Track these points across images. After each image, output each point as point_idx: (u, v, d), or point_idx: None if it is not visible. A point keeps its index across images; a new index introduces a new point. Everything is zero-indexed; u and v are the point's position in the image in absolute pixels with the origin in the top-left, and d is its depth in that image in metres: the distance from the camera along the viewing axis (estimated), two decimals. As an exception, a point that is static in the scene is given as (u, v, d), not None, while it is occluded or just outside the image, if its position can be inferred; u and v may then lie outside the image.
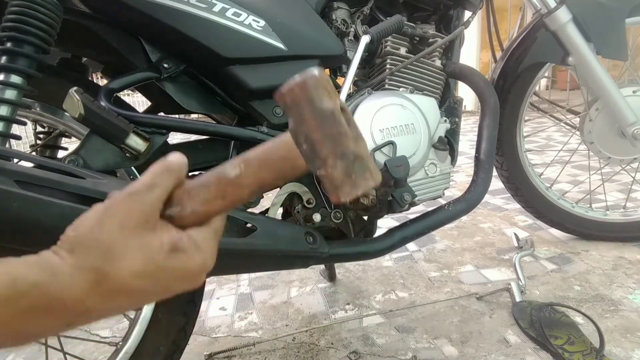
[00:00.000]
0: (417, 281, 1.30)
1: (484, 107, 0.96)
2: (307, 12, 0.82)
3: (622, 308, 1.08)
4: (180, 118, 0.91)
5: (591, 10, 1.11)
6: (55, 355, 1.03)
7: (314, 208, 0.86)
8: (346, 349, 1.01)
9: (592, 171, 1.59)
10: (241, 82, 0.76)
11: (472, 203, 0.89)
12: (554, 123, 1.54)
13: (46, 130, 0.89)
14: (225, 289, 1.36)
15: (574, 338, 0.95)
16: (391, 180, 0.72)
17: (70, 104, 0.63)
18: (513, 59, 1.26)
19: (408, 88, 0.93)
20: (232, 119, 0.88)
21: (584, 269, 1.28)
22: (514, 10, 4.03)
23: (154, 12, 0.69)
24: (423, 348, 0.99)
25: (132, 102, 0.81)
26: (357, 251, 0.82)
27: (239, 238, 0.67)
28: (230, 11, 0.73)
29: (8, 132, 0.60)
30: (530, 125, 3.50)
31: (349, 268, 1.41)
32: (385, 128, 0.82)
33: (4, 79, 0.60)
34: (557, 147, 2.84)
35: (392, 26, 0.86)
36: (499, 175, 1.42)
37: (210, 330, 1.14)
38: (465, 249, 1.49)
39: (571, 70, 1.25)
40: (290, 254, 0.73)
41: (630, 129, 1.18)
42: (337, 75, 0.92)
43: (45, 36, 0.61)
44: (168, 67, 0.74)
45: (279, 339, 1.07)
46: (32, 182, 0.52)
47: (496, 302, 1.15)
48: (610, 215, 1.42)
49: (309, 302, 1.23)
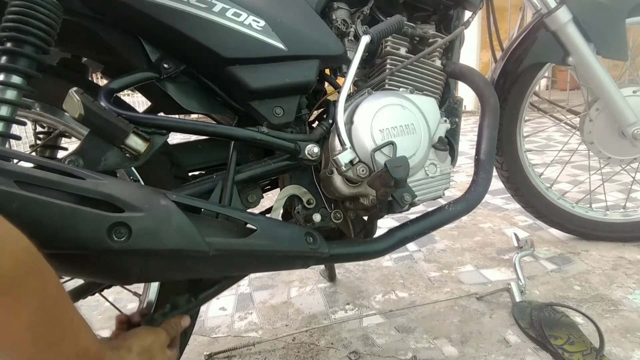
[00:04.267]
0: (417, 281, 1.30)
1: (484, 107, 0.96)
2: (307, 12, 0.82)
3: (622, 308, 1.08)
4: (180, 118, 0.91)
5: (591, 10, 1.11)
6: (55, 356, 1.02)
7: (314, 208, 0.86)
8: (346, 349, 1.01)
9: (592, 171, 1.59)
10: (241, 82, 0.76)
11: (472, 203, 0.89)
12: (554, 123, 1.54)
13: (46, 130, 0.88)
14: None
15: (574, 338, 0.95)
16: (391, 180, 0.72)
17: (70, 104, 0.63)
18: (513, 59, 1.26)
19: (408, 88, 0.92)
20: (232, 119, 0.88)
21: (584, 269, 1.28)
22: (514, 10, 4.03)
23: (154, 12, 0.69)
24: (423, 348, 0.99)
25: (132, 102, 0.81)
26: (357, 251, 0.82)
27: (239, 238, 0.67)
28: (230, 11, 0.73)
29: (8, 132, 0.60)
30: (530, 125, 3.50)
31: (349, 268, 1.41)
32: (385, 128, 0.82)
33: (4, 79, 0.59)
34: (557, 147, 2.85)
35: (392, 26, 0.86)
36: (499, 175, 1.42)
37: (210, 330, 1.14)
38: (465, 249, 1.49)
39: (571, 70, 1.25)
40: (291, 255, 0.73)
41: (631, 129, 1.18)
42: (337, 75, 0.92)
43: (45, 36, 0.61)
44: (168, 67, 0.74)
45: (279, 339, 1.07)
46: (32, 183, 0.51)
47: (496, 302, 1.15)
48: (610, 215, 1.42)
49: (309, 302, 1.23)
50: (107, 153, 0.67)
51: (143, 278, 0.70)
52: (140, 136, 0.67)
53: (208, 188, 0.76)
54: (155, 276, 0.70)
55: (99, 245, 0.53)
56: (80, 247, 0.53)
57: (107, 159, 0.67)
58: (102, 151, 0.67)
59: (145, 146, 0.68)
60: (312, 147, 0.78)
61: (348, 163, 0.77)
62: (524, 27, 1.27)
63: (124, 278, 0.64)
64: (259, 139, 0.75)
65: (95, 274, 0.61)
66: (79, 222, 0.52)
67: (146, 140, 0.68)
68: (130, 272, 0.61)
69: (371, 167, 0.79)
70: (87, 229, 0.52)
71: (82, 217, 0.52)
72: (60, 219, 0.51)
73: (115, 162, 0.68)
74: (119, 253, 0.55)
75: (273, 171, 0.81)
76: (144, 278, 0.70)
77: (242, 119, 0.85)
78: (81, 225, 0.52)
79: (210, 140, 0.90)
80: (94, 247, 0.53)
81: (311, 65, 0.80)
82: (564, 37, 1.12)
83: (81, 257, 0.55)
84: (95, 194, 0.55)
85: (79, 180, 0.56)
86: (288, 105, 0.81)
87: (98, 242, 0.53)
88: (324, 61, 0.83)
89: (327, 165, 0.84)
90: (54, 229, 0.51)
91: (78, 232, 0.52)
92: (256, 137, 0.75)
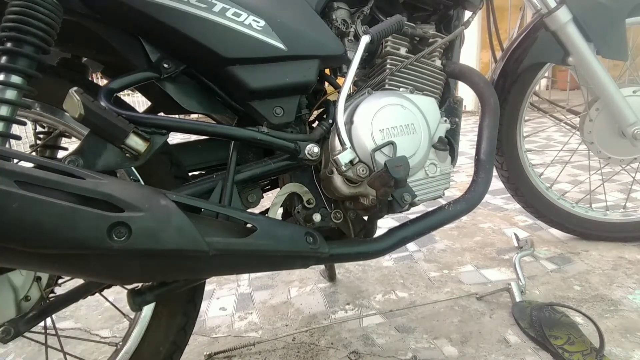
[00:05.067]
0: (417, 281, 1.30)
1: (484, 107, 0.96)
2: (307, 12, 0.82)
3: (622, 308, 1.08)
4: (180, 118, 0.91)
5: (591, 10, 1.11)
6: (55, 355, 1.03)
7: (314, 208, 0.86)
8: (346, 349, 1.01)
9: (592, 171, 1.59)
10: (241, 82, 0.76)
11: (472, 203, 0.89)
12: (554, 123, 1.54)
13: (46, 130, 0.88)
14: (225, 289, 1.36)
15: (574, 338, 0.95)
16: (391, 180, 0.72)
17: (70, 104, 0.63)
18: (513, 59, 1.26)
19: (408, 88, 0.92)
20: (232, 119, 0.88)
21: (584, 269, 1.28)
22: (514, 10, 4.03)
23: (154, 12, 0.69)
24: (423, 348, 0.99)
25: (132, 102, 0.81)
26: (357, 251, 0.82)
27: (238, 238, 0.67)
28: (230, 11, 0.73)
29: (8, 132, 0.60)
30: (530, 125, 3.50)
31: (349, 268, 1.41)
32: (385, 128, 0.82)
33: (4, 79, 0.59)
34: (557, 147, 2.85)
35: (392, 26, 0.86)
36: (499, 175, 1.42)
37: (210, 330, 1.14)
38: (465, 249, 1.49)
39: (571, 70, 1.25)
40: (290, 254, 0.73)
41: (631, 129, 1.18)
42: (337, 75, 0.92)
43: (45, 36, 0.61)
44: (168, 67, 0.74)
45: (279, 339, 1.07)
46: (32, 182, 0.51)
47: (496, 302, 1.15)
48: (610, 215, 1.42)
49: (309, 302, 1.23)
50: (107, 153, 0.67)
51: (143, 278, 0.70)
52: (140, 136, 0.67)
53: (208, 188, 0.76)
54: (155, 276, 0.70)
55: (99, 245, 0.53)
56: (80, 247, 0.53)
57: (107, 159, 0.67)
58: (102, 151, 0.67)
59: (145, 146, 0.68)
60: (312, 147, 0.79)
61: (348, 163, 0.77)
62: (524, 27, 1.27)
63: (124, 278, 0.64)
64: (259, 139, 0.75)
65: (95, 274, 0.61)
66: (79, 222, 0.52)
67: (146, 140, 0.68)
68: (130, 272, 0.61)
69: (371, 167, 0.79)
70: (87, 229, 0.52)
71: (82, 217, 0.52)
72: (60, 218, 0.51)
73: (115, 161, 0.68)
74: (119, 253, 0.55)
75: (273, 171, 0.81)
76: (144, 278, 0.70)
77: (242, 119, 0.85)
78: (81, 225, 0.52)
79: (210, 140, 0.90)
80: (94, 247, 0.53)
81: (311, 65, 0.80)
82: (564, 37, 1.12)
83: (81, 257, 0.55)
84: (95, 194, 0.55)
85: (79, 180, 0.56)
86: (288, 105, 0.81)
87: (98, 241, 0.53)
88: (324, 61, 0.83)
89: (327, 165, 0.84)
90: (54, 228, 0.51)
91: (78, 232, 0.52)
92: (256, 137, 0.75)
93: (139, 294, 0.73)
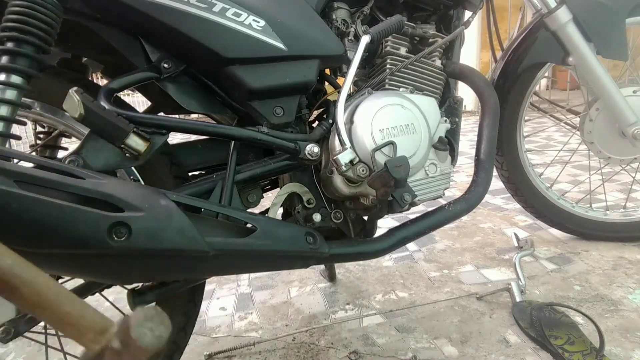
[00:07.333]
0: (417, 281, 1.30)
1: (484, 107, 0.96)
2: (307, 12, 0.82)
3: (622, 308, 1.08)
4: (180, 118, 0.91)
5: (591, 10, 1.11)
6: (55, 355, 1.03)
7: (314, 208, 0.86)
8: (346, 349, 1.01)
9: (592, 171, 1.59)
10: (241, 82, 0.76)
11: (473, 203, 0.89)
12: (554, 123, 1.54)
13: (46, 130, 0.89)
14: (225, 289, 1.36)
15: (574, 338, 0.95)
16: (391, 180, 0.72)
17: (70, 104, 0.63)
18: (513, 59, 1.26)
19: (408, 88, 0.93)
20: (232, 119, 0.88)
21: (584, 269, 1.28)
22: (514, 10, 4.03)
23: (154, 12, 0.69)
24: (423, 348, 0.99)
25: (132, 102, 0.81)
26: (357, 251, 0.82)
27: (239, 238, 0.67)
28: (230, 11, 0.73)
29: (8, 132, 0.60)
30: (530, 125, 3.50)
31: (349, 268, 1.41)
32: (385, 128, 0.82)
33: (4, 79, 0.59)
34: (557, 147, 2.85)
35: (392, 26, 0.86)
36: (499, 175, 1.42)
37: (210, 330, 1.14)
38: (465, 249, 1.49)
39: (571, 70, 1.25)
40: (291, 254, 0.73)
41: (631, 129, 1.18)
42: (337, 75, 0.92)
43: (45, 36, 0.61)
44: (168, 67, 0.74)
45: (279, 339, 1.07)
46: (32, 182, 0.52)
47: (496, 302, 1.15)
48: (610, 215, 1.42)
49: (309, 302, 1.23)
50: (107, 153, 0.67)
51: (143, 278, 0.70)
52: (141, 136, 0.67)
53: (208, 188, 0.76)
54: (155, 276, 0.70)
55: (99, 245, 0.53)
56: (80, 247, 0.53)
57: (107, 159, 0.67)
58: (102, 151, 0.67)
59: (145, 146, 0.68)
60: (312, 147, 0.79)
61: (348, 163, 0.77)
62: (524, 27, 1.27)
63: (124, 278, 0.64)
64: (259, 139, 0.75)
65: (95, 274, 0.61)
66: (79, 222, 0.52)
67: (146, 140, 0.68)
68: (130, 272, 0.61)
69: (371, 167, 0.79)
70: (87, 229, 0.52)
71: (82, 216, 0.52)
72: (60, 218, 0.51)
73: (115, 161, 0.68)
74: (119, 253, 0.55)
75: (273, 171, 0.81)
76: (144, 278, 0.70)
77: (242, 119, 0.85)
78: (81, 225, 0.52)
79: (210, 140, 0.90)
80: (94, 246, 0.53)
81: (311, 65, 0.80)
82: (564, 37, 1.12)
83: (81, 257, 0.55)
84: (95, 194, 0.55)
85: (79, 180, 0.56)
86: (288, 105, 0.81)
87: (98, 241, 0.53)
88: (324, 61, 0.83)
89: (327, 165, 0.84)
90: (54, 228, 0.51)
91: (78, 232, 0.52)
92: (256, 137, 0.75)
93: (139, 294, 0.73)
